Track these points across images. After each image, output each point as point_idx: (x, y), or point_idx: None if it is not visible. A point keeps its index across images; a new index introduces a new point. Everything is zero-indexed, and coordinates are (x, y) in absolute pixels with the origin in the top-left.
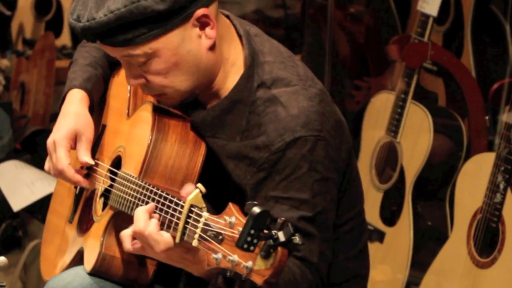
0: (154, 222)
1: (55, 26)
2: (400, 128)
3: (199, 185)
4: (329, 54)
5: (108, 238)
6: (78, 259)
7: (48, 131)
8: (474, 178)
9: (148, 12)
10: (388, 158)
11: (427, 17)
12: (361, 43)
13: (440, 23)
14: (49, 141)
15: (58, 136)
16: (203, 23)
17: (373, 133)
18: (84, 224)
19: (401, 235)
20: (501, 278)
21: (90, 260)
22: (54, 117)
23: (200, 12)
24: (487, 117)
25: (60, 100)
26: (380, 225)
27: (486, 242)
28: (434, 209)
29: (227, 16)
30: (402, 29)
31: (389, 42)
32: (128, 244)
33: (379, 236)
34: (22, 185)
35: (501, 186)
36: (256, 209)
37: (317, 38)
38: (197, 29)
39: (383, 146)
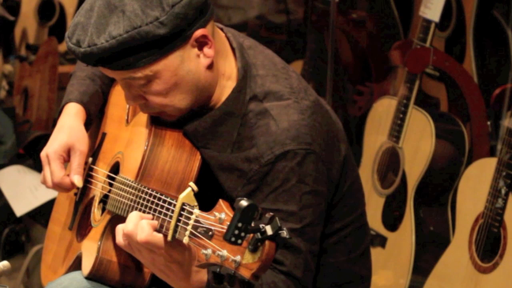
0: (147, 221)
1: (58, 32)
2: (402, 133)
3: (191, 183)
4: (331, 59)
5: (105, 243)
6: (77, 265)
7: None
8: (475, 183)
9: (149, 37)
10: (390, 163)
11: (429, 22)
12: (363, 49)
13: (442, 29)
14: (42, 154)
15: (51, 150)
16: (201, 43)
17: (375, 138)
18: (83, 230)
19: (403, 240)
20: (502, 283)
21: (87, 264)
22: (56, 122)
23: (198, 33)
24: (489, 123)
25: (57, 111)
26: (382, 230)
27: (487, 247)
28: (436, 214)
29: (221, 29)
30: (404, 34)
31: (391, 47)
32: (120, 237)
33: (381, 241)
34: (25, 190)
35: (503, 191)
36: (244, 203)
37: (319, 44)
38: (196, 49)
39: (385, 151)
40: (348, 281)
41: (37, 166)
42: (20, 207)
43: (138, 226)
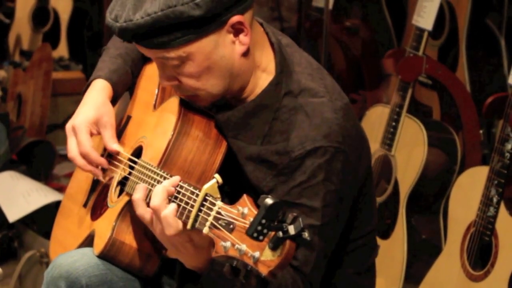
0: (173, 207)
1: (52, 38)
2: (394, 141)
3: (217, 175)
4: (324, 67)
5: (120, 224)
6: (88, 243)
7: (44, 142)
8: (467, 191)
9: (184, 17)
10: (383, 171)
11: (422, 31)
12: (356, 57)
13: (435, 38)
14: (68, 126)
15: (77, 121)
16: (237, 30)
17: None
18: (98, 209)
19: (395, 248)
20: None
21: (99, 244)
22: (50, 128)
23: (235, 19)
24: (481, 131)
25: (85, 86)
26: None
27: (479, 256)
28: (428, 222)
29: (261, 24)
30: (397, 43)
31: (384, 55)
32: (141, 210)
33: None
34: (18, 196)
35: (495, 200)
36: (269, 200)
37: (312, 51)
38: (231, 36)
39: (378, 159)
40: None
41: (30, 172)
42: (13, 213)
43: (170, 221)
